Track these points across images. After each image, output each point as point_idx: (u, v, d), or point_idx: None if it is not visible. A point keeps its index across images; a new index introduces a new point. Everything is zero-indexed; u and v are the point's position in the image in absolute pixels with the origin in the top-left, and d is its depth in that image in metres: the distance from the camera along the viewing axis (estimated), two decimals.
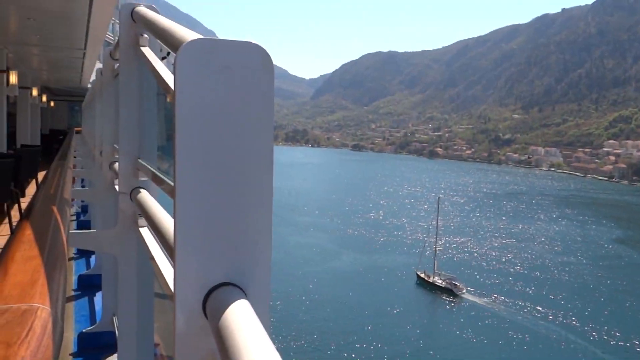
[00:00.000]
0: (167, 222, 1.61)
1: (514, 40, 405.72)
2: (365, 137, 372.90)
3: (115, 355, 2.98)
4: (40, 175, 9.99)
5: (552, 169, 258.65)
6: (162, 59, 2.12)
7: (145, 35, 2.31)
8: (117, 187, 2.71)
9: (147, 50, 2.21)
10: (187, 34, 1.14)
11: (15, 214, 6.77)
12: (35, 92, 18.43)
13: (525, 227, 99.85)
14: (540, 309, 53.87)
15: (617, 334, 47.93)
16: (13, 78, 12.81)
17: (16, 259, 2.32)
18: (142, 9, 2.19)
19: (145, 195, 2.25)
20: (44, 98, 22.87)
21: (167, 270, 1.55)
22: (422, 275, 62.04)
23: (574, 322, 50.57)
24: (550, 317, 51.80)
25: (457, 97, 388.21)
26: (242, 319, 0.85)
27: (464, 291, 58.50)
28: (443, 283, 59.38)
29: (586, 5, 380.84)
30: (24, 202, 7.45)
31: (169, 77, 1.54)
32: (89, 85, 17.33)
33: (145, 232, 2.14)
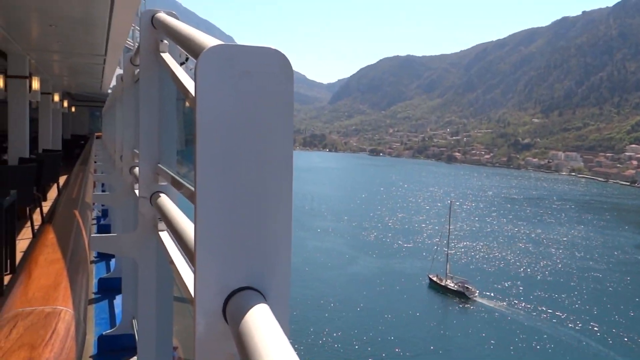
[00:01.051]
0: (186, 226, 1.61)
1: (533, 44, 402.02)
2: (383, 142, 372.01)
3: (135, 357, 3.01)
4: (62, 179, 10.14)
5: (573, 173, 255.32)
6: (181, 64, 2.13)
7: (165, 42, 2.32)
8: (137, 191, 2.73)
9: (167, 56, 2.21)
10: (208, 40, 1.14)
11: (36, 218, 6.88)
12: (56, 98, 18.68)
13: (543, 232, 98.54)
14: (557, 314, 52.97)
15: (638, 340, 47.02)
16: (35, 84, 13.02)
17: (40, 263, 2.36)
18: (163, 16, 2.21)
19: (165, 200, 2.26)
20: (65, 103, 23.23)
21: (186, 274, 1.55)
22: (435, 279, 61.73)
23: (592, 328, 49.64)
24: (567, 323, 50.90)
25: (475, 101, 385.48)
26: (262, 323, 0.85)
27: (476, 294, 58.00)
28: (455, 286, 59.01)
29: (607, 7, 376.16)
30: (45, 206, 7.57)
31: (189, 83, 1.55)
32: (109, 91, 17.55)
33: (165, 236, 2.15)
